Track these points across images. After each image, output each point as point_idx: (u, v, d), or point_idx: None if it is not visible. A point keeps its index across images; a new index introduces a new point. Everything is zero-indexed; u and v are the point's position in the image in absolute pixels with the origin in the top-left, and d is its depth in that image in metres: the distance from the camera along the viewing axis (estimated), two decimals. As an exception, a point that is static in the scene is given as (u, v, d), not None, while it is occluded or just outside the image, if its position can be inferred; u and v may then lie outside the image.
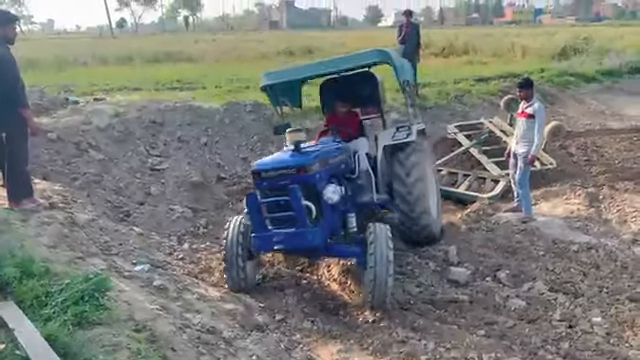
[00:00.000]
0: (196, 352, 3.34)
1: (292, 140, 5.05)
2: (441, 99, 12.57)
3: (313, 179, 4.79)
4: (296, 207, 4.55)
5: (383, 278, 4.51)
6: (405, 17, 12.30)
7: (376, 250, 4.56)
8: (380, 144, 6.09)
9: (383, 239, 4.63)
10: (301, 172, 4.70)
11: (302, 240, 4.62)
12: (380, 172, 5.96)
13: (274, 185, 4.69)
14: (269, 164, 4.90)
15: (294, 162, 4.81)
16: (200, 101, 10.60)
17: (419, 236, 5.98)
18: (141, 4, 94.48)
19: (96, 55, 24.08)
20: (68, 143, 7.93)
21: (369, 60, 6.02)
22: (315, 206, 4.70)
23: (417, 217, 5.81)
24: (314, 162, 4.89)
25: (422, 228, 5.90)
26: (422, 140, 6.44)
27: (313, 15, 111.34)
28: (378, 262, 4.52)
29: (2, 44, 5.06)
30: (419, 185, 5.82)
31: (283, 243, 4.68)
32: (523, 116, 6.82)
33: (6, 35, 5.11)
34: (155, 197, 7.63)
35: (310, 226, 4.62)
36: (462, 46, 24.80)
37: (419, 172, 5.86)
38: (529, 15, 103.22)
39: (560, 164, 9.15)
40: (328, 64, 6.21)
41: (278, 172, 4.70)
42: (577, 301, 4.87)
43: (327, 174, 5.07)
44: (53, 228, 4.88)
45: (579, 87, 15.95)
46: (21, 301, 3.36)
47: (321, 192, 4.78)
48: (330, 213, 4.89)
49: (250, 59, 23.90)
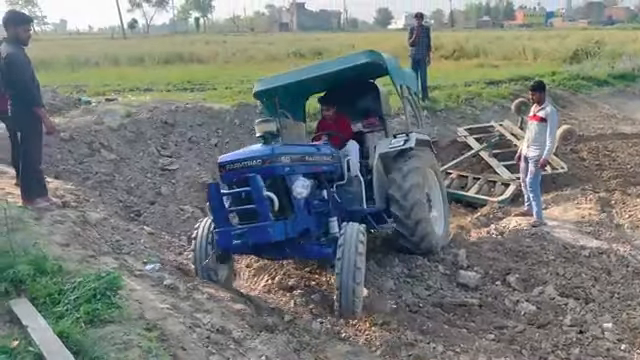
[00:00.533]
0: (206, 352, 3.35)
1: (261, 130, 4.70)
2: (451, 102, 12.54)
3: (280, 171, 4.54)
4: (257, 198, 4.23)
5: (349, 286, 4.25)
6: (416, 20, 12.32)
7: (344, 255, 4.26)
8: (377, 152, 5.85)
9: (353, 243, 4.30)
10: (266, 163, 4.43)
11: (262, 234, 4.28)
12: (376, 181, 5.70)
13: (239, 177, 4.41)
14: (234, 156, 4.63)
15: (259, 153, 4.53)
16: (211, 102, 10.67)
17: (418, 247, 5.61)
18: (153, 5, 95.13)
19: (108, 56, 24.30)
20: (80, 143, 8.03)
21: (360, 61, 5.70)
22: (283, 201, 4.44)
23: (413, 226, 5.48)
24: (282, 154, 4.61)
25: (420, 239, 5.55)
26: (425, 150, 6.23)
27: (323, 17, 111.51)
28: (344, 268, 4.24)
29: (17, 45, 5.11)
30: (415, 191, 5.50)
31: (243, 238, 4.31)
32: (535, 119, 6.79)
33: (19, 36, 5.15)
34: (166, 197, 7.69)
35: (272, 220, 4.31)
36: (473, 49, 24.76)
37: (416, 178, 5.59)
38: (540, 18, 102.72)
39: (571, 168, 9.11)
40: (320, 67, 6.05)
41: (243, 164, 4.45)
42: (588, 306, 4.84)
43: (299, 170, 4.76)
44: (66, 227, 4.93)
45: (591, 91, 15.84)
46: (34, 298, 3.40)
47: (290, 186, 4.55)
48: (302, 211, 4.61)
49: (260, 61, 24.00)
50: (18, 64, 5.04)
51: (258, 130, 4.76)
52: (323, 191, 5.11)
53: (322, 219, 4.96)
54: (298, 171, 4.75)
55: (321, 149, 5.46)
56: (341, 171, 5.60)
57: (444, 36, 27.80)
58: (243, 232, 4.32)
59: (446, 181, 8.96)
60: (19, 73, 5.03)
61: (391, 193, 5.58)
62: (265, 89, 6.20)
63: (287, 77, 6.19)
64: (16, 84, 5.06)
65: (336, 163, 5.58)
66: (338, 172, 5.57)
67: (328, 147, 5.64)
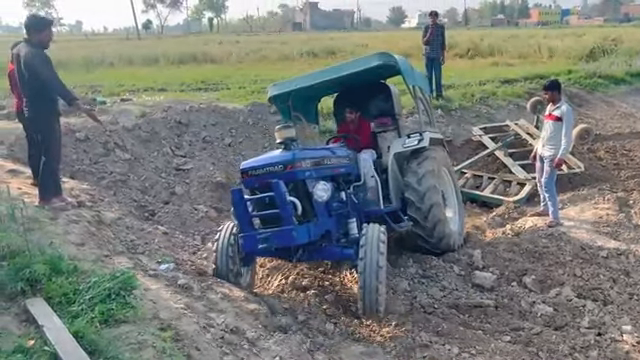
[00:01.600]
0: (220, 352, 3.35)
1: (281, 137, 4.80)
2: (466, 101, 12.44)
3: (301, 175, 4.65)
4: (280, 203, 4.34)
5: (372, 285, 4.32)
6: (431, 18, 12.25)
7: (366, 254, 4.36)
8: (391, 152, 5.90)
9: (374, 242, 4.41)
10: (288, 168, 4.55)
11: (286, 238, 4.39)
12: (392, 181, 5.76)
13: (262, 183, 4.56)
14: (256, 162, 4.78)
15: (281, 159, 4.65)
16: (224, 102, 10.71)
17: (436, 247, 5.70)
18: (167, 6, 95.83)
19: (123, 56, 24.51)
20: (95, 143, 8.09)
21: (373, 63, 5.74)
22: (305, 204, 4.55)
23: (431, 227, 5.56)
24: (302, 159, 4.72)
25: (438, 240, 5.64)
26: (438, 149, 6.23)
27: (336, 16, 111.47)
28: (367, 267, 4.32)
29: (38, 48, 5.15)
30: (432, 193, 5.56)
31: (268, 242, 4.42)
32: (550, 119, 6.70)
33: (42, 40, 5.21)
34: (180, 197, 7.72)
35: (296, 224, 4.41)
36: (487, 47, 24.54)
37: (432, 180, 5.62)
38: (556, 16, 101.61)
39: (588, 168, 8.98)
40: (333, 70, 6.07)
41: (265, 169, 4.59)
42: (606, 308, 4.76)
43: (319, 173, 4.88)
44: (81, 226, 4.97)
45: (608, 89, 15.62)
46: (50, 298, 3.43)
47: (311, 190, 4.64)
48: (323, 213, 4.74)
49: (273, 60, 24.04)
50: (35, 63, 5.06)
51: (278, 136, 4.86)
52: (341, 193, 5.18)
53: (341, 220, 5.03)
54: (318, 175, 4.84)
55: (338, 151, 5.51)
56: (358, 172, 5.65)
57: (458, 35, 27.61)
58: (268, 236, 4.41)
59: (461, 181, 8.90)
60: (37, 73, 5.06)
61: (408, 197, 5.63)
62: (279, 93, 6.26)
63: (301, 81, 6.23)
64: (33, 84, 5.09)
65: (353, 164, 5.63)
66: (355, 173, 5.61)
67: (344, 149, 5.68)
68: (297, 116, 6.49)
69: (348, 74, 5.87)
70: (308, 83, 6.11)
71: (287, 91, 6.22)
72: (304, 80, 6.21)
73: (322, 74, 6.10)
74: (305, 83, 6.14)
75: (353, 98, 6.42)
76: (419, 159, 5.74)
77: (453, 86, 13.40)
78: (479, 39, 26.80)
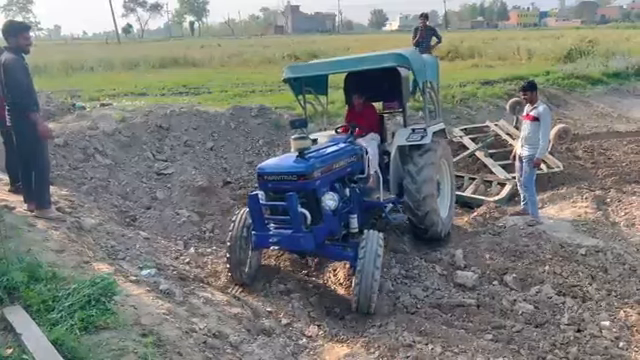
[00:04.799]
0: (202, 356, 3.33)
1: (297, 148, 5.12)
2: (447, 102, 12.53)
3: (313, 186, 4.99)
4: (292, 214, 4.75)
5: (369, 283, 4.65)
6: (421, 20, 12.38)
7: (365, 255, 4.73)
8: (395, 143, 6.25)
9: (373, 246, 4.80)
10: (301, 179, 4.88)
11: (295, 243, 4.90)
12: (392, 170, 6.18)
13: (276, 188, 4.94)
14: (273, 167, 5.11)
15: (296, 169, 4.96)
16: (206, 106, 10.65)
17: (424, 234, 6.20)
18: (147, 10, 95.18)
19: (103, 61, 24.25)
20: (75, 148, 7.98)
21: (388, 63, 6.00)
22: (313, 212, 4.92)
23: (423, 216, 6.00)
24: (316, 169, 5.02)
25: (427, 227, 6.10)
26: (439, 140, 6.53)
27: (318, 20, 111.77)
28: (365, 266, 4.68)
29: (17, 53, 5.10)
30: (429, 185, 5.95)
31: (278, 242, 4.91)
32: (528, 119, 6.80)
33: (20, 45, 5.15)
34: (161, 201, 7.65)
35: (305, 231, 4.81)
36: (467, 50, 24.82)
37: (430, 172, 6.00)
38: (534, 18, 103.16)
39: (567, 167, 9.12)
40: (349, 63, 6.42)
41: (280, 176, 4.95)
42: (585, 305, 4.84)
43: (329, 180, 5.27)
44: (60, 233, 4.91)
45: (585, 89, 15.91)
46: (28, 305, 3.37)
47: (320, 199, 5.01)
48: (329, 217, 5.11)
49: (255, 64, 24.00)
50: (15, 70, 5.01)
51: (294, 146, 5.16)
52: (346, 189, 5.54)
53: (344, 217, 5.39)
54: (327, 181, 5.23)
55: (347, 150, 5.73)
56: (363, 166, 5.94)
57: (438, 37, 27.82)
58: (279, 239, 4.89)
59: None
60: (16, 80, 5.00)
61: (406, 184, 6.04)
62: (294, 77, 6.57)
63: (316, 68, 6.59)
64: (13, 91, 5.03)
65: (359, 160, 5.91)
66: (360, 167, 5.92)
67: (352, 146, 5.88)
68: (308, 90, 7.02)
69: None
70: (323, 72, 6.59)
71: (301, 76, 6.59)
72: (319, 68, 6.59)
73: (338, 65, 6.46)
74: (320, 71, 6.57)
75: (363, 79, 6.70)
76: (421, 150, 6.12)
77: (434, 88, 13.49)
78: (459, 41, 27.08)
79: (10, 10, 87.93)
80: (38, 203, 5.25)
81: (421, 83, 6.44)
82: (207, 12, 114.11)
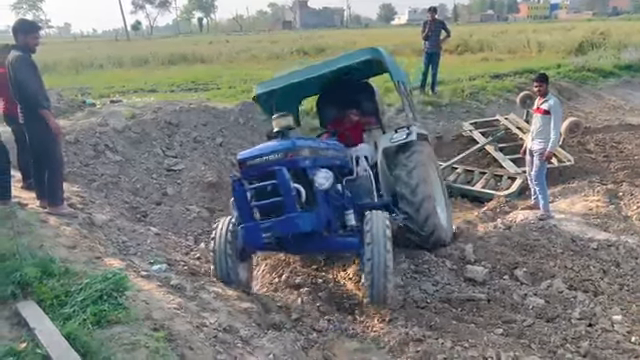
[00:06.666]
0: (213, 351, 3.35)
1: (279, 125, 4.71)
2: (456, 97, 12.48)
3: (303, 163, 4.58)
4: (284, 190, 4.27)
5: (381, 269, 4.25)
6: (430, 14, 12.30)
7: (373, 239, 4.28)
8: (380, 148, 5.83)
9: (380, 227, 4.33)
10: (289, 156, 4.46)
11: (291, 225, 4.29)
12: (382, 176, 5.70)
13: (262, 172, 4.43)
14: (255, 151, 4.63)
15: (281, 146, 4.54)
16: (215, 102, 10.68)
17: (427, 241, 5.64)
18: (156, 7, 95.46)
19: (112, 58, 24.38)
20: (85, 145, 8.04)
21: (361, 58, 5.67)
22: (306, 191, 4.46)
23: (423, 220, 5.47)
24: (303, 146, 4.65)
25: (429, 233, 5.56)
26: (424, 144, 6.14)
27: (326, 14, 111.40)
28: (375, 252, 4.25)
29: (24, 51, 5.13)
30: (423, 187, 5.49)
31: (271, 230, 4.32)
32: (539, 112, 6.74)
33: (28, 44, 5.18)
34: (171, 197, 7.70)
35: (299, 211, 4.34)
36: (477, 43, 24.63)
37: (422, 173, 5.56)
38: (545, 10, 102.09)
39: (578, 161, 9.04)
40: (321, 66, 5.94)
41: (264, 158, 4.47)
42: (597, 299, 4.80)
43: (319, 162, 4.82)
44: (72, 229, 4.95)
45: (597, 82, 15.74)
46: (41, 300, 3.41)
47: (312, 178, 4.57)
48: (323, 202, 4.63)
49: (264, 59, 24.00)
50: (24, 68, 5.05)
51: (276, 125, 4.77)
52: (338, 184, 5.10)
53: (339, 212, 4.96)
54: (318, 163, 4.78)
55: (332, 144, 5.49)
56: (350, 166, 5.63)
57: (447, 30, 27.64)
58: (271, 225, 4.31)
59: (452, 176, 8.93)
60: (25, 78, 5.03)
61: (399, 190, 5.54)
62: (265, 92, 6.15)
63: (287, 78, 6.09)
64: (22, 89, 5.06)
65: (346, 158, 5.62)
66: (348, 167, 5.60)
67: (337, 143, 5.66)
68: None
69: (335, 71, 5.77)
70: (296, 79, 5.97)
71: (273, 89, 6.09)
72: (291, 77, 6.05)
73: (310, 70, 5.99)
74: (292, 80, 5.99)
75: (336, 98, 6.43)
76: (407, 152, 5.66)
77: (443, 82, 13.43)
78: (469, 35, 26.91)
79: (20, 8, 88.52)
80: (51, 200, 5.29)
81: (396, 82, 6.05)
82: (215, 8, 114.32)
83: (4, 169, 5.19)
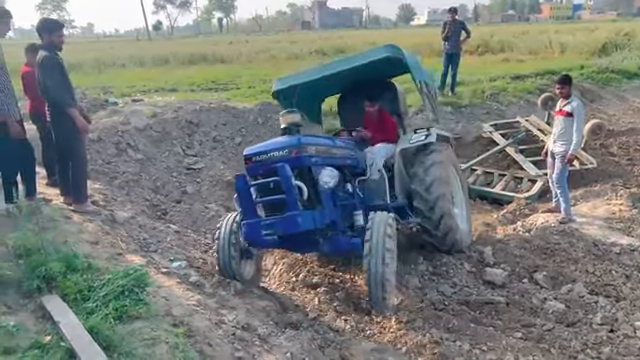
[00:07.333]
0: (231, 348, 3.38)
1: (286, 121, 4.66)
2: (476, 98, 12.37)
3: (307, 161, 4.50)
4: (286, 187, 4.19)
5: (378, 268, 4.12)
6: (450, 14, 12.23)
7: (372, 237, 4.18)
8: (397, 148, 5.71)
9: (381, 225, 4.24)
10: (294, 153, 4.39)
11: (291, 224, 4.22)
12: (397, 177, 5.55)
13: (266, 169, 4.36)
14: (261, 147, 4.56)
15: (286, 143, 4.47)
16: (234, 101, 10.77)
17: (443, 243, 5.49)
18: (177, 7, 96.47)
19: (134, 57, 24.70)
20: (108, 143, 8.18)
21: (381, 55, 5.57)
22: (310, 191, 4.38)
23: (437, 219, 5.31)
24: (308, 144, 4.57)
25: (444, 233, 5.39)
26: (445, 147, 6.01)
27: (345, 15, 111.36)
28: (373, 249, 4.14)
29: (51, 51, 5.20)
30: (438, 184, 5.35)
31: (272, 228, 4.26)
32: (561, 114, 6.66)
33: (54, 42, 5.26)
34: (191, 196, 7.78)
35: (301, 209, 4.26)
36: (498, 44, 24.37)
37: (439, 171, 5.43)
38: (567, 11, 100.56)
39: (601, 164, 8.89)
40: (341, 62, 5.90)
41: (269, 155, 4.40)
42: (619, 304, 4.73)
43: (325, 161, 4.73)
44: (95, 225, 5.04)
45: (621, 84, 15.46)
46: (65, 295, 3.48)
47: (317, 177, 4.49)
48: (328, 201, 4.54)
49: (283, 60, 24.09)
50: (51, 68, 5.10)
51: (283, 121, 4.73)
52: (347, 184, 5.03)
53: (347, 212, 4.88)
54: (324, 162, 4.71)
55: (343, 143, 5.42)
56: (363, 166, 5.55)
57: (468, 31, 27.41)
58: (272, 223, 4.28)
59: (471, 178, 8.87)
60: (53, 77, 5.10)
61: (414, 187, 5.44)
62: (284, 88, 6.10)
63: (307, 74, 6.06)
64: (48, 88, 5.13)
65: (358, 158, 5.54)
66: (361, 167, 5.52)
67: (349, 142, 5.60)
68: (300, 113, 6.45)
69: (355, 68, 5.70)
70: (315, 76, 5.91)
71: (292, 85, 6.04)
72: (311, 74, 6.00)
73: (329, 67, 5.95)
74: (312, 77, 5.93)
75: (358, 98, 6.30)
76: (426, 152, 5.55)
77: (463, 83, 13.33)
78: (489, 35, 26.62)
79: (45, 9, 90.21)
80: (75, 197, 5.38)
81: (418, 82, 5.90)
82: (235, 8, 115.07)
83: (30, 166, 5.30)
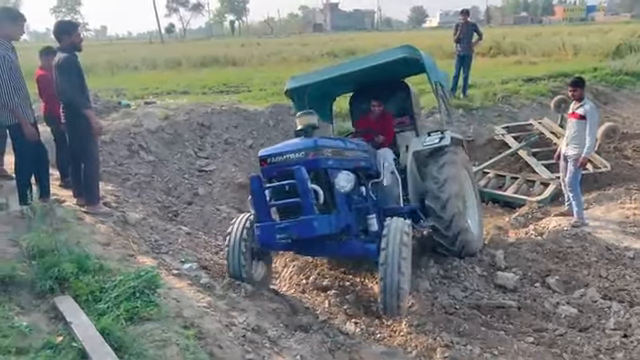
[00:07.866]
0: (242, 350, 3.39)
1: (303, 123, 4.61)
2: (488, 100, 12.30)
3: (324, 164, 4.44)
4: (301, 190, 4.12)
5: (394, 277, 4.05)
6: (462, 16, 12.19)
7: (388, 245, 4.12)
8: (410, 151, 5.69)
9: (397, 234, 4.17)
10: (310, 156, 4.33)
11: (307, 228, 4.15)
12: (410, 180, 5.54)
13: (281, 170, 4.31)
14: (277, 149, 4.51)
15: (303, 145, 4.41)
16: (246, 104, 10.81)
17: (454, 244, 5.44)
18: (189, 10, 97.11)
19: (146, 60, 24.88)
20: (120, 145, 8.25)
21: (397, 55, 5.52)
22: (326, 195, 4.30)
23: (449, 219, 5.29)
24: (325, 146, 4.53)
25: (455, 234, 5.36)
26: (458, 149, 6.00)
27: (357, 17, 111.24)
28: (389, 258, 4.07)
29: (70, 52, 5.22)
30: (451, 184, 5.34)
31: (286, 232, 4.19)
32: (574, 117, 6.60)
33: (74, 42, 5.30)
34: (202, 198, 7.82)
35: (317, 213, 4.19)
36: (510, 46, 24.20)
37: (452, 171, 5.44)
38: (581, 13, 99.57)
39: (615, 167, 8.79)
40: (357, 62, 5.87)
41: (285, 157, 4.34)
42: (633, 309, 4.67)
43: (340, 164, 4.67)
44: (106, 227, 5.09)
45: (635, 86, 15.26)
46: (77, 296, 3.52)
47: (332, 180, 4.43)
48: (344, 205, 4.50)
49: (294, 62, 24.12)
50: (69, 71, 5.13)
51: (300, 122, 4.69)
52: (361, 187, 4.98)
53: (361, 215, 4.82)
54: (340, 165, 4.65)
55: (357, 144, 5.39)
56: (376, 168, 5.51)
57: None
58: (287, 226, 4.21)
59: (483, 180, 8.81)
60: (70, 80, 5.12)
61: (427, 184, 5.41)
62: (297, 86, 6.09)
63: (321, 73, 6.04)
64: (67, 90, 5.17)
65: (372, 159, 5.51)
66: (374, 169, 5.49)
67: (363, 143, 5.57)
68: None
69: (369, 68, 5.66)
70: (329, 75, 5.87)
71: (305, 84, 6.03)
72: (324, 73, 5.98)
73: (344, 66, 5.92)
74: (325, 76, 5.90)
75: (370, 97, 6.27)
76: (440, 162, 5.51)
77: (475, 85, 13.25)
78: (501, 37, 26.45)
79: (60, 12, 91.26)
80: (88, 199, 5.43)
81: (434, 83, 5.93)
82: (247, 11, 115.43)
83: (44, 168, 5.36)
